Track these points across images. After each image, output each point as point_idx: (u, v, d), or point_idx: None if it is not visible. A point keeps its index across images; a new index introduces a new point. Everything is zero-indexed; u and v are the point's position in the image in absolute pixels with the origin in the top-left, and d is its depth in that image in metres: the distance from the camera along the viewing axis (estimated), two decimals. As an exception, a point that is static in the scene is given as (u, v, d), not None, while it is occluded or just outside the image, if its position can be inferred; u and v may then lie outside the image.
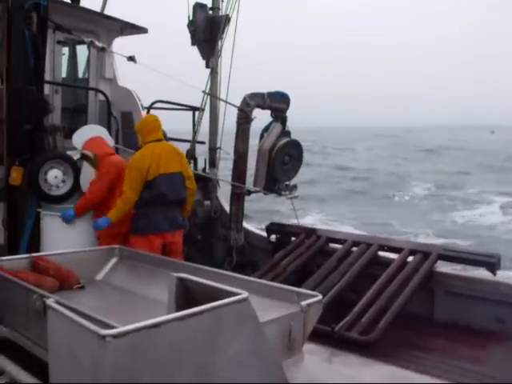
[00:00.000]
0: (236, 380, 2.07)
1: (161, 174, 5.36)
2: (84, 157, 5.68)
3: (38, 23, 5.32)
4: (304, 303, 2.97)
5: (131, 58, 6.12)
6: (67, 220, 5.38)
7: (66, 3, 7.40)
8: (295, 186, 7.53)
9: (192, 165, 7.74)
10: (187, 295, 2.27)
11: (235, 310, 2.04)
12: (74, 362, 1.80)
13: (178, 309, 2.07)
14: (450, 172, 38.75)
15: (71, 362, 1.82)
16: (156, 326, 1.76)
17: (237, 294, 2.08)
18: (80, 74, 8.31)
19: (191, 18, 7.18)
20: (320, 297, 3.09)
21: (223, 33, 7.11)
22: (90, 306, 3.54)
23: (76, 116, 7.95)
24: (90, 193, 5.50)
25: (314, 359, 3.87)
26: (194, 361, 1.92)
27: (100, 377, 1.68)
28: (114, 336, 1.66)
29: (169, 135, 7.01)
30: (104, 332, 1.66)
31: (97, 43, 6.05)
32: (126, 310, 3.56)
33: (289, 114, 7.23)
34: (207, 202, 7.77)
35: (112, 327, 1.73)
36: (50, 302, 2.08)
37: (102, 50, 6.34)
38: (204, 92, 7.04)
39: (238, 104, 7.05)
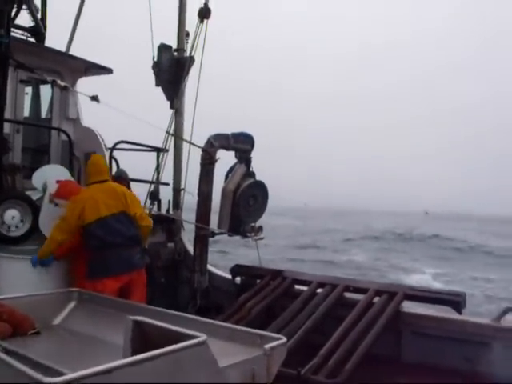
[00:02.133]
0: None
1: (98, 218, 5.27)
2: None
3: (-2, 61, 5.24)
4: (267, 346, 2.88)
5: (94, 98, 6.07)
6: (39, 263, 5.29)
7: (30, 42, 7.37)
8: (261, 228, 7.49)
9: (155, 206, 7.65)
10: (144, 339, 2.17)
11: (194, 353, 1.95)
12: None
13: (134, 353, 1.96)
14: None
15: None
16: (108, 371, 1.66)
17: (195, 337, 1.99)
18: (43, 114, 8.19)
19: (156, 59, 7.21)
20: (284, 339, 3.01)
21: (187, 74, 7.15)
22: (45, 353, 3.39)
23: (38, 156, 7.80)
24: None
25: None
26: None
27: None
28: (61, 385, 1.55)
29: (132, 176, 6.93)
30: (48, 380, 1.55)
31: (59, 82, 5.98)
32: (83, 356, 3.41)
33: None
34: (171, 244, 7.66)
35: (62, 374, 1.63)
36: (-4, 348, 1.96)
37: (65, 88, 6.28)
38: (168, 132, 7.01)
39: (202, 145, 7.04)
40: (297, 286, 6.51)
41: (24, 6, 7.32)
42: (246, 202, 7.20)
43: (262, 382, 2.88)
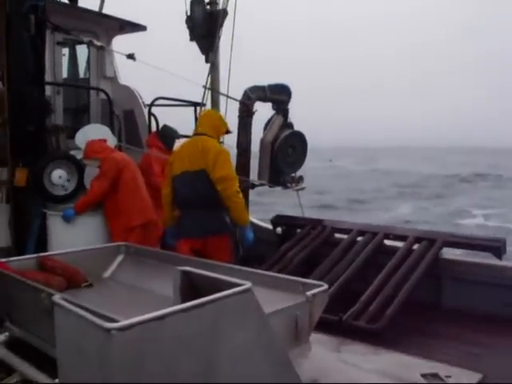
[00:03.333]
0: (242, 371, 2.09)
1: (179, 172, 5.00)
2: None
3: (36, 25, 5.34)
4: (309, 293, 2.97)
5: (130, 56, 6.11)
6: (67, 219, 5.42)
7: (64, 4, 7.42)
8: (301, 178, 7.51)
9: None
10: (192, 288, 2.30)
11: (238, 300, 2.06)
12: (82, 357, 1.83)
13: (183, 301, 2.08)
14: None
15: (79, 357, 1.85)
16: (161, 318, 1.78)
17: (240, 285, 2.10)
18: (81, 74, 8.33)
19: (189, 13, 7.18)
20: (325, 286, 3.10)
21: (221, 27, 7.10)
22: (98, 303, 3.56)
23: (78, 116, 7.98)
24: (90, 191, 5.53)
25: (321, 349, 3.90)
26: (198, 351, 1.94)
27: (107, 369, 1.71)
28: (119, 329, 1.68)
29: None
30: (109, 325, 1.68)
31: (95, 42, 6.04)
32: (134, 305, 3.58)
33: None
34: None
35: (118, 321, 1.76)
36: (57, 298, 2.11)
37: (101, 48, 6.34)
38: (204, 87, 7.03)
39: (239, 98, 7.06)
40: (337, 235, 6.59)
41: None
42: (285, 153, 7.19)
43: (305, 327, 2.99)
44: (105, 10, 8.27)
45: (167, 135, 6.69)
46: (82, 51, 8.12)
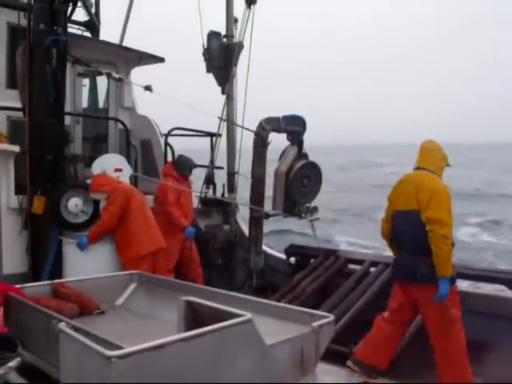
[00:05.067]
0: None
1: (395, 209, 4.65)
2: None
3: (57, 58, 5.53)
4: (315, 324, 2.99)
5: (148, 88, 6.27)
6: (81, 247, 5.51)
7: (86, 37, 7.68)
8: (315, 208, 7.52)
9: (211, 190, 7.86)
10: (196, 318, 2.34)
11: (239, 331, 2.09)
12: (83, 382, 1.88)
13: (187, 330, 2.13)
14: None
15: (81, 382, 1.90)
16: (161, 346, 1.83)
17: (241, 316, 2.13)
18: (101, 104, 8.53)
19: (206, 46, 7.35)
20: (332, 317, 3.11)
21: (237, 59, 7.26)
22: (109, 330, 3.62)
23: (97, 145, 8.16)
24: (100, 221, 5.62)
25: (330, 380, 3.89)
26: (198, 379, 1.98)
27: None
28: (119, 357, 1.73)
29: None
30: (109, 353, 1.74)
31: (114, 74, 6.22)
32: (143, 333, 3.62)
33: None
34: (227, 226, 7.86)
35: (122, 348, 1.81)
36: (62, 325, 2.16)
37: (119, 80, 6.51)
38: (220, 118, 7.17)
39: (254, 128, 7.16)
40: (350, 265, 6.59)
41: (79, 3, 7.60)
42: (300, 183, 7.21)
43: (311, 358, 3.00)
44: (125, 43, 8.53)
45: (182, 165, 6.80)
46: (102, 82, 8.33)
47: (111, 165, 5.80)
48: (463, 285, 5.84)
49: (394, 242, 4.71)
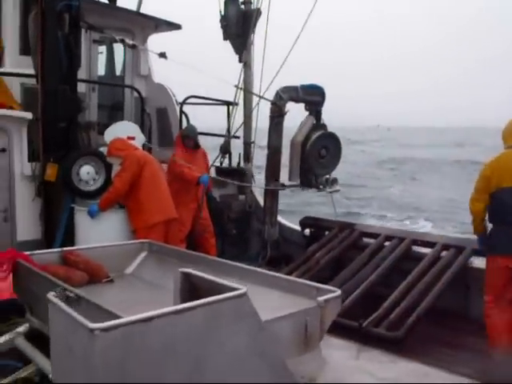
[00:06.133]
0: (236, 375, 2.08)
1: (504, 187, 4.63)
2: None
3: (70, 24, 5.46)
4: (321, 299, 2.94)
5: (162, 55, 6.18)
6: (92, 215, 5.52)
7: (102, 3, 7.55)
8: (335, 180, 7.37)
9: (227, 159, 7.79)
10: (192, 290, 2.30)
11: (233, 305, 2.04)
12: (70, 355, 1.85)
13: (182, 303, 2.10)
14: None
15: (67, 354, 1.88)
16: (148, 319, 1.79)
17: (235, 290, 2.08)
18: (118, 72, 8.45)
19: (223, 12, 7.19)
20: (339, 292, 3.05)
21: (255, 26, 7.09)
22: (117, 299, 3.63)
23: (113, 113, 8.10)
24: (112, 187, 5.60)
25: (337, 354, 3.84)
26: (188, 354, 1.93)
27: (91, 368, 1.74)
28: (103, 329, 1.70)
29: (202, 130, 7.06)
30: (93, 326, 1.71)
31: (128, 41, 6.13)
32: (151, 303, 3.60)
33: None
34: (242, 197, 7.81)
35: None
36: (50, 296, 2.14)
37: (133, 47, 6.42)
38: (236, 86, 7.03)
39: (272, 98, 7.02)
40: (364, 239, 6.50)
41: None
42: (317, 154, 7.08)
43: (315, 333, 2.96)
44: (142, 10, 8.38)
45: (186, 136, 6.70)
46: (119, 49, 8.24)
47: (124, 133, 5.78)
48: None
49: (496, 218, 4.73)
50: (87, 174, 5.69)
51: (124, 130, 5.83)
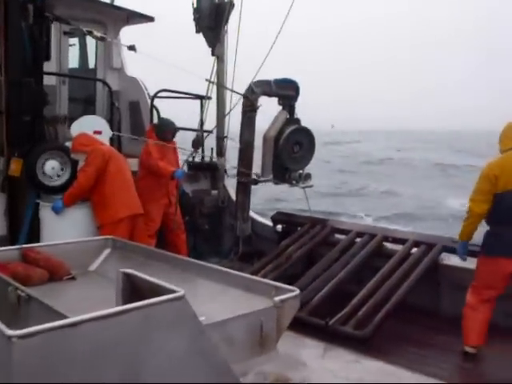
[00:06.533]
0: (174, 376, 2.02)
1: (507, 189, 4.58)
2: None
3: (34, 14, 5.32)
4: (277, 299, 2.88)
5: (131, 48, 6.05)
6: (56, 210, 5.42)
7: (73, -6, 7.39)
8: (309, 175, 7.34)
9: (200, 154, 7.70)
10: (134, 291, 2.23)
11: (169, 308, 1.97)
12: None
13: (124, 304, 2.03)
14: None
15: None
16: (72, 325, 1.72)
17: (174, 292, 2.01)
18: (91, 65, 8.31)
19: (195, 5, 7.08)
20: (297, 292, 2.99)
21: (228, 19, 6.99)
22: (78, 298, 3.54)
23: (85, 106, 7.98)
24: (76, 183, 5.51)
25: (303, 353, 3.80)
26: (121, 361, 1.86)
27: (8, 375, 1.68)
28: (21, 336, 1.64)
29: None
30: (10, 333, 1.64)
31: (95, 33, 5.99)
32: (109, 301, 3.55)
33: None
34: (215, 192, 7.71)
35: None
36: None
37: (101, 39, 6.27)
38: (208, 80, 6.93)
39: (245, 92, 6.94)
40: (336, 235, 6.48)
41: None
42: (291, 149, 7.03)
43: (271, 334, 2.90)
44: (117, 2, 8.23)
45: (162, 129, 6.56)
46: (92, 42, 8.09)
47: (90, 127, 5.66)
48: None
49: (500, 219, 4.65)
50: (52, 168, 5.57)
51: (90, 124, 5.70)
